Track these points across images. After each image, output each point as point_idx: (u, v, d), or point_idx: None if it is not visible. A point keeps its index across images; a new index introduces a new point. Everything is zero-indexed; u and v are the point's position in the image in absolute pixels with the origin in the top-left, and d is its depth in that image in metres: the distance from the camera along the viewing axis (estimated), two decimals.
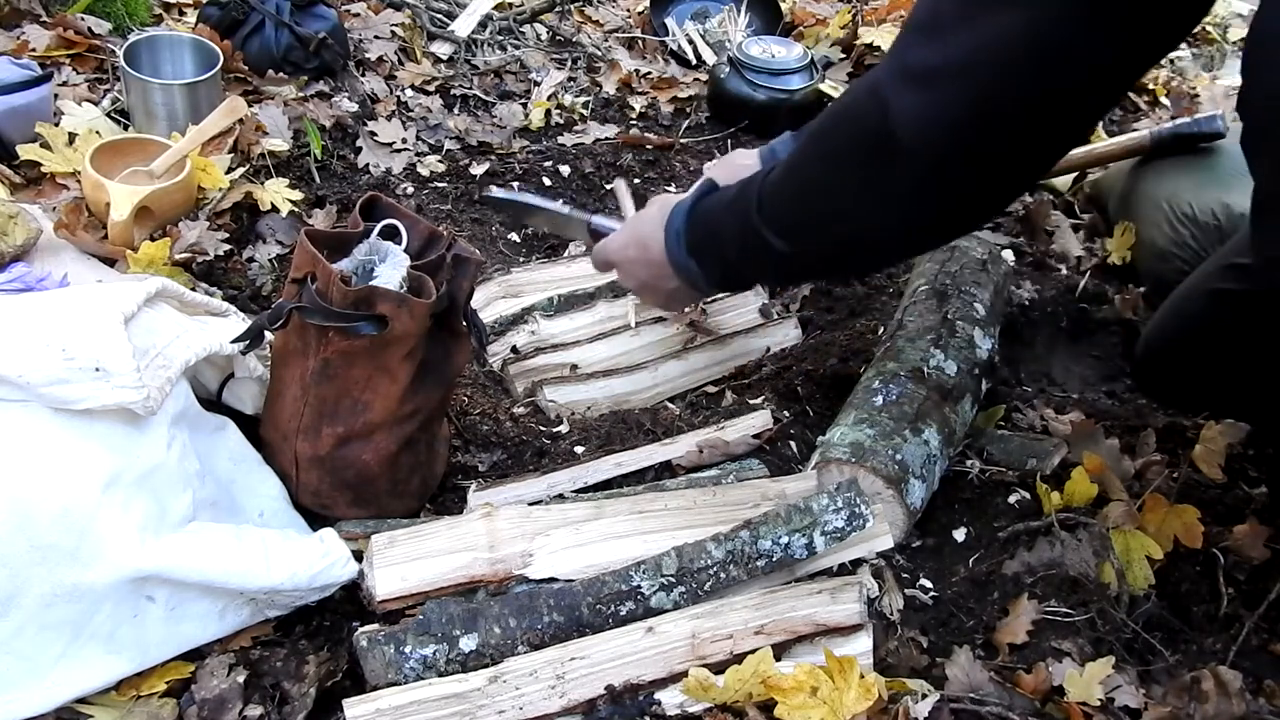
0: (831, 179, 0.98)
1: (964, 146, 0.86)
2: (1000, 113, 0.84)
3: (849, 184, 0.96)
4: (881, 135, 0.87)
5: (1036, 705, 1.06)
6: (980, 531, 1.29)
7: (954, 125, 0.85)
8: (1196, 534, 1.22)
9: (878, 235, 1.00)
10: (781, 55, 2.29)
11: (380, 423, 1.15)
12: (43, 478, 0.91)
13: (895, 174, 0.89)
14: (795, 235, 1.04)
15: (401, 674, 0.99)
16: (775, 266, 1.13)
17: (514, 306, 1.67)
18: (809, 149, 1.03)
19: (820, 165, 1.00)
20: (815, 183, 1.00)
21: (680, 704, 0.99)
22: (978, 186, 0.91)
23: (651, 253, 1.21)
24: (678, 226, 1.18)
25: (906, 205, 0.92)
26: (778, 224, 1.04)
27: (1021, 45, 0.80)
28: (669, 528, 1.13)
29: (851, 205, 0.97)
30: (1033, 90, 0.82)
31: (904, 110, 0.85)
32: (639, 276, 1.27)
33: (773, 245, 1.04)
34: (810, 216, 1.02)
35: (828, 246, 1.04)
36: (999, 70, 0.82)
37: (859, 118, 0.93)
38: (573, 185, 2.05)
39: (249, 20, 2.01)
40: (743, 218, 1.08)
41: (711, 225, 1.15)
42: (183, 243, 1.53)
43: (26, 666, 0.93)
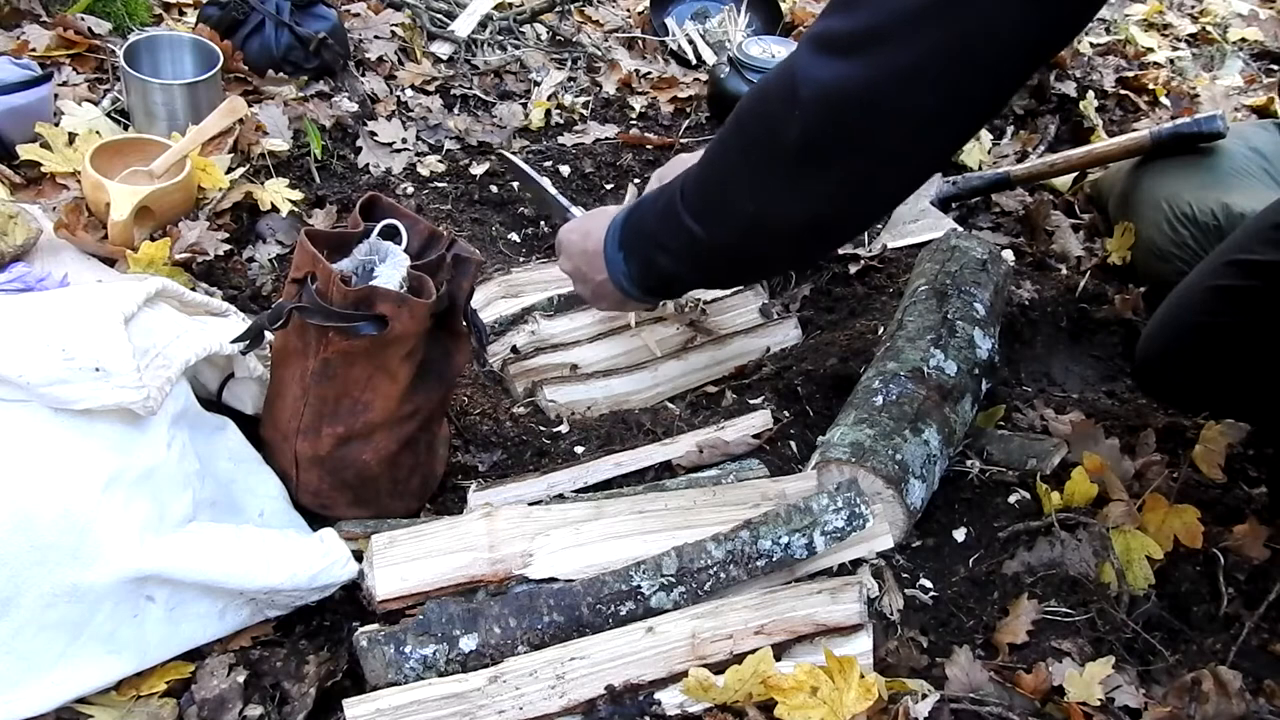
0: (739, 158, 0.97)
1: (864, 120, 0.84)
2: (908, 86, 0.82)
3: (753, 162, 0.95)
4: (786, 109, 0.86)
5: (1036, 705, 1.06)
6: (980, 531, 1.29)
7: (856, 96, 0.83)
8: (1196, 534, 1.22)
9: (779, 221, 0.98)
10: (781, 55, 2.29)
11: (380, 423, 1.15)
12: (43, 478, 0.91)
13: (793, 151, 0.88)
14: (707, 218, 1.04)
15: (401, 674, 0.99)
16: (695, 257, 1.11)
17: (514, 306, 1.67)
18: (725, 129, 1.02)
19: (731, 143, 0.99)
20: (727, 162, 1.00)
21: (680, 704, 0.99)
22: (873, 167, 0.89)
23: (589, 242, 1.25)
24: (618, 219, 1.21)
25: (803, 187, 0.91)
26: (697, 208, 1.04)
27: (935, 13, 0.78)
28: (669, 528, 1.13)
29: (753, 185, 0.96)
30: (946, 64, 0.80)
31: (808, 80, 0.84)
32: (574, 262, 1.30)
33: (692, 231, 1.05)
34: (721, 197, 1.02)
35: (735, 233, 1.03)
36: (906, 41, 0.80)
37: (768, 94, 0.92)
38: (573, 185, 2.05)
39: (249, 20, 2.01)
40: (667, 204, 1.09)
41: (643, 217, 1.17)
42: (183, 243, 1.53)
43: (26, 666, 0.93)
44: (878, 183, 0.92)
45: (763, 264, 1.24)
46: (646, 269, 1.17)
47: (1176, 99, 2.40)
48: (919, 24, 0.79)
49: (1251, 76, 2.64)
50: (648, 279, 1.20)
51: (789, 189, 0.93)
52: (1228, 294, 1.28)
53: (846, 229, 1.07)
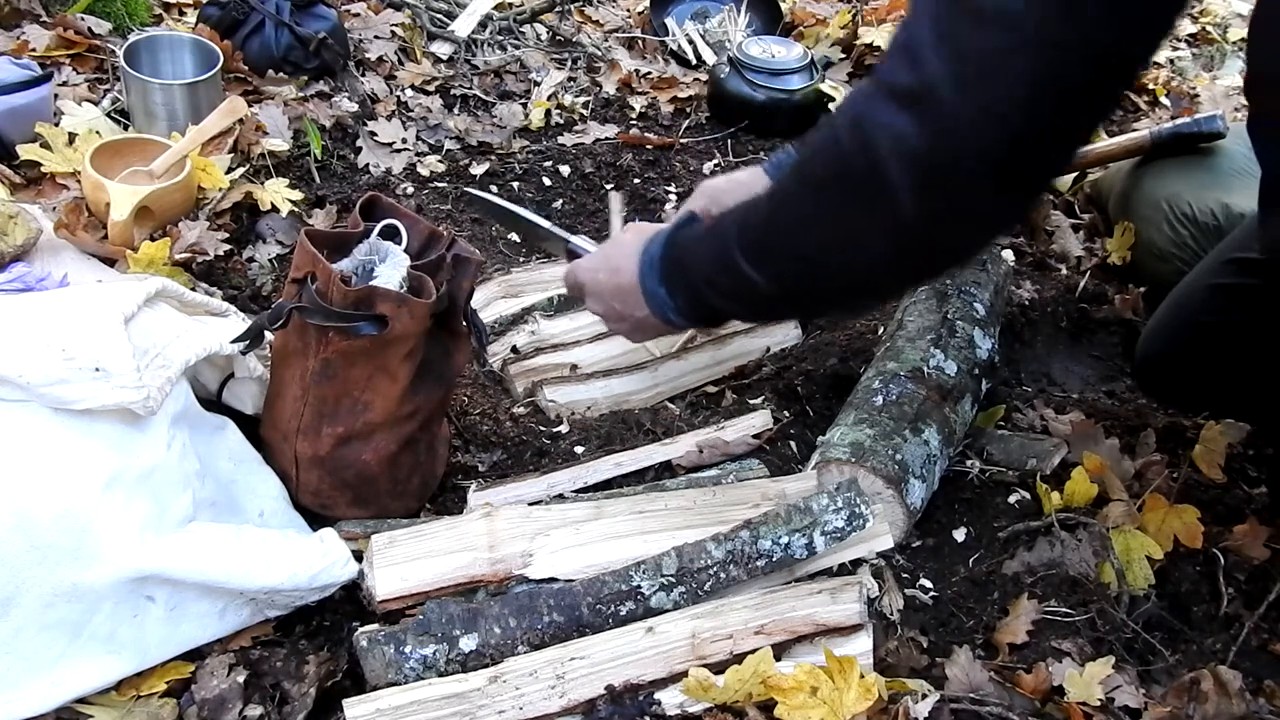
0: (811, 210, 0.93)
1: (950, 167, 0.80)
2: (992, 127, 0.77)
3: (830, 215, 0.91)
4: (862, 161, 0.83)
5: (1036, 705, 1.06)
6: (980, 531, 1.29)
7: (939, 146, 0.79)
8: (1196, 534, 1.23)
9: (855, 273, 0.94)
10: (781, 55, 2.29)
11: (380, 423, 1.15)
12: (43, 478, 0.91)
13: (879, 203, 0.84)
14: (775, 270, 0.99)
15: (401, 674, 0.99)
16: (753, 302, 1.06)
17: (514, 306, 1.67)
18: (791, 178, 0.98)
19: (800, 196, 0.95)
20: (795, 215, 0.96)
21: (680, 704, 0.99)
22: (966, 209, 0.84)
23: (622, 277, 1.16)
24: (653, 253, 1.14)
25: (892, 236, 0.86)
26: (757, 257, 0.99)
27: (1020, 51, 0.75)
28: (669, 528, 1.13)
29: (826, 240, 0.92)
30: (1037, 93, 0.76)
31: (882, 129, 0.80)
32: (607, 301, 1.21)
33: (751, 279, 0.99)
34: (791, 250, 0.97)
35: (809, 283, 0.99)
36: (983, 83, 0.76)
37: (839, 145, 0.87)
38: (573, 185, 2.05)
39: (249, 20, 2.01)
40: (721, 248, 1.03)
41: (688, 254, 1.10)
42: (183, 243, 1.53)
43: (26, 666, 0.93)
44: (969, 224, 0.86)
45: (831, 309, 1.28)
46: (696, 304, 1.11)
47: (1176, 99, 2.40)
48: (1000, 61, 0.75)
49: None
50: (698, 313, 1.15)
51: (867, 243, 0.89)
52: (1227, 293, 1.28)
53: (932, 274, 1.04)
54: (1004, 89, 0.76)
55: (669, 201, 2.04)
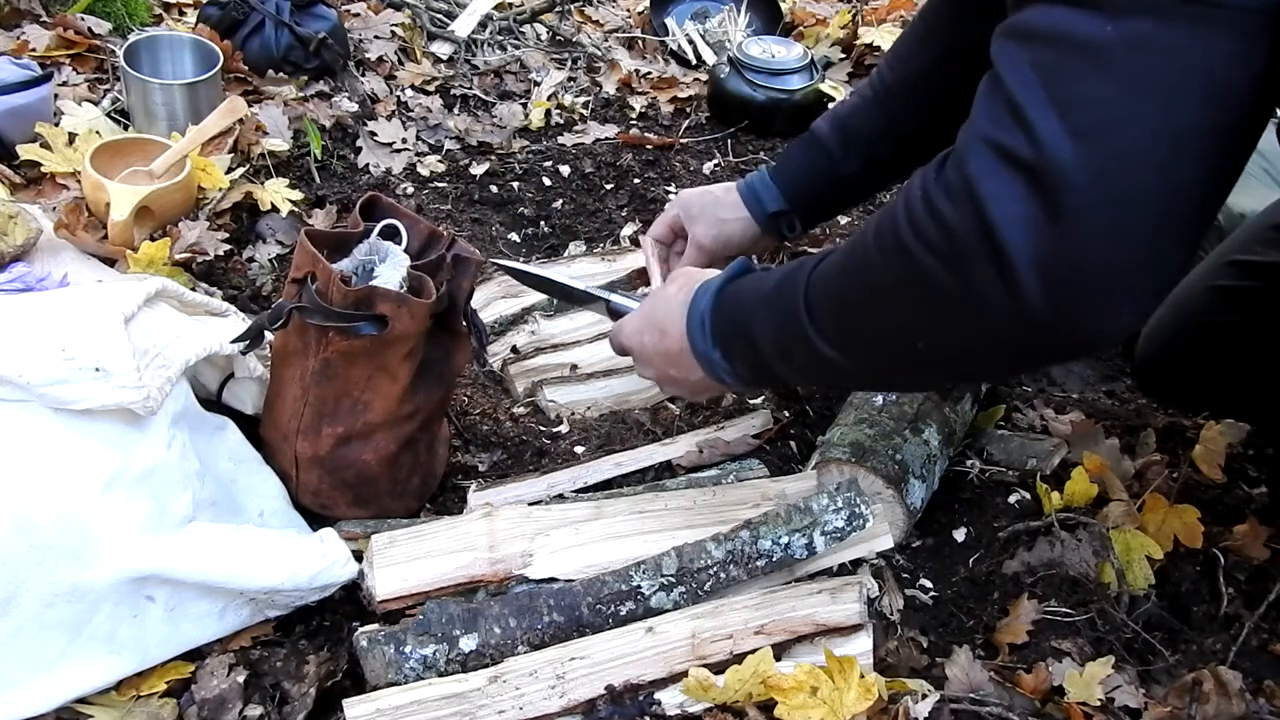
0: (905, 285, 0.80)
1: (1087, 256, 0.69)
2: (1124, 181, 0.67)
3: (931, 293, 0.77)
4: (977, 236, 0.71)
5: (1036, 705, 1.06)
6: (980, 531, 1.29)
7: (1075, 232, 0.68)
8: (1196, 534, 1.22)
9: (964, 356, 0.82)
10: (781, 55, 2.29)
11: (380, 423, 1.15)
12: (43, 478, 0.91)
13: (996, 286, 0.71)
14: (856, 348, 0.88)
15: (401, 674, 0.99)
16: (827, 375, 0.98)
17: (514, 306, 1.67)
18: (873, 243, 0.83)
19: (888, 266, 0.81)
20: (881, 288, 0.83)
21: (680, 704, 0.99)
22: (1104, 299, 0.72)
23: (670, 340, 1.06)
24: (702, 310, 1.02)
25: (1006, 319, 0.73)
26: (833, 333, 0.88)
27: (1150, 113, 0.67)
28: (669, 528, 1.13)
29: (936, 320, 0.79)
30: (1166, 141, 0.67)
31: (993, 199, 0.70)
32: (657, 366, 1.11)
33: (825, 355, 0.89)
34: (877, 329, 0.85)
35: (895, 363, 0.88)
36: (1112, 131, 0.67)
37: (939, 210, 0.74)
38: (573, 185, 2.05)
39: (249, 20, 2.01)
40: (787, 317, 0.91)
41: (744, 316, 0.99)
42: (183, 243, 1.53)
43: (26, 666, 0.93)
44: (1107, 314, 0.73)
45: (925, 387, 1.22)
46: (760, 371, 1.00)
47: None
48: (1128, 105, 0.67)
49: None
50: (762, 380, 1.07)
51: (982, 329, 0.76)
52: (1228, 294, 1.28)
53: (1058, 361, 0.93)
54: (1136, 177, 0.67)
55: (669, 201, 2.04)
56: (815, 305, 0.90)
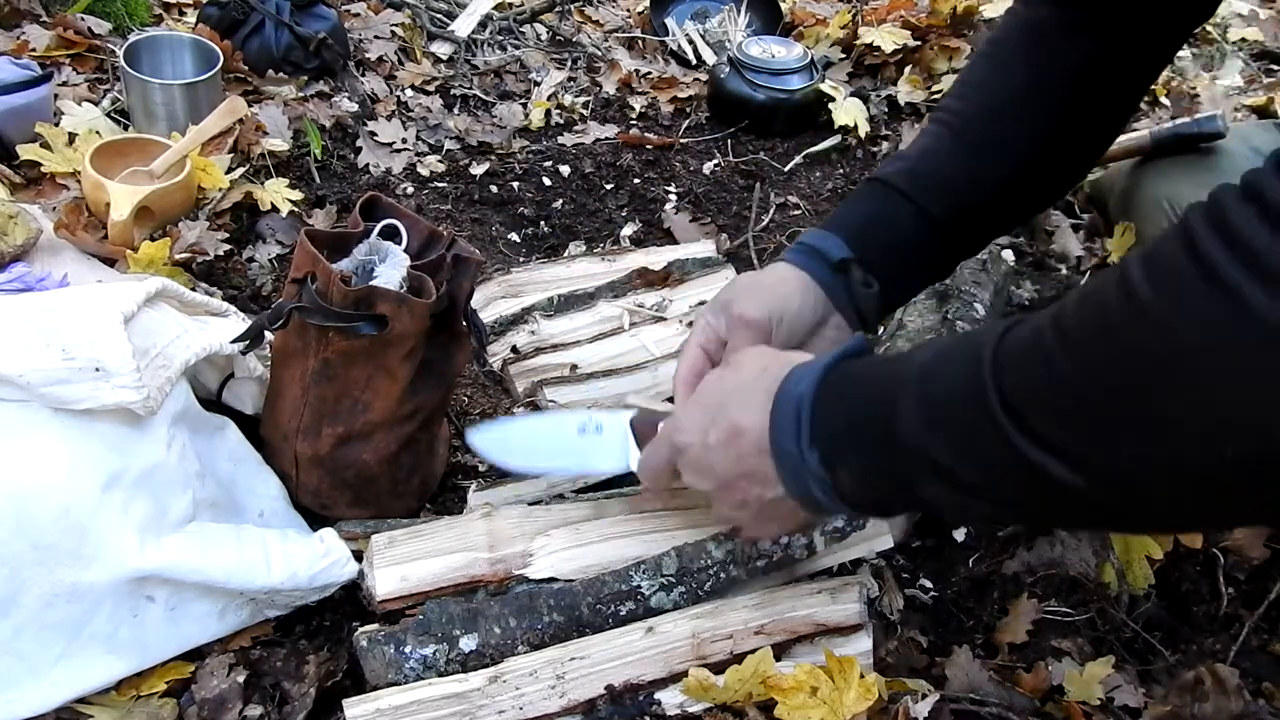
0: (1180, 348, 0.53)
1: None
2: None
3: (1223, 347, 0.51)
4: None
5: (1036, 705, 1.06)
6: (980, 531, 1.29)
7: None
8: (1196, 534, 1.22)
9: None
10: (781, 55, 2.29)
11: (380, 423, 1.15)
12: (43, 478, 0.91)
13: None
14: (1100, 456, 0.57)
15: (401, 674, 0.99)
16: (1042, 504, 0.64)
17: (514, 306, 1.67)
18: (1134, 298, 0.55)
19: (1160, 318, 0.54)
20: (1150, 349, 0.55)
21: (680, 704, 0.99)
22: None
23: (745, 439, 0.78)
24: (799, 397, 0.74)
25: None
26: (1059, 435, 0.59)
27: None
28: (669, 528, 1.12)
29: (1234, 392, 0.52)
30: None
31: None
32: (720, 475, 0.82)
33: (1035, 466, 0.59)
34: (1145, 428, 0.55)
35: (1180, 485, 0.57)
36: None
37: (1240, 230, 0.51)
38: (573, 185, 2.05)
39: (249, 20, 2.01)
40: (977, 411, 0.61)
41: (871, 405, 0.70)
42: (183, 243, 1.53)
43: (26, 666, 0.93)
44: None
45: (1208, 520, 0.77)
46: (876, 487, 0.72)
47: (1176, 99, 2.40)
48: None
49: (1251, 76, 2.64)
50: (873, 499, 0.75)
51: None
52: None
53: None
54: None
55: (669, 201, 2.04)
56: (1017, 391, 0.60)
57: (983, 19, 2.45)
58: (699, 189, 2.07)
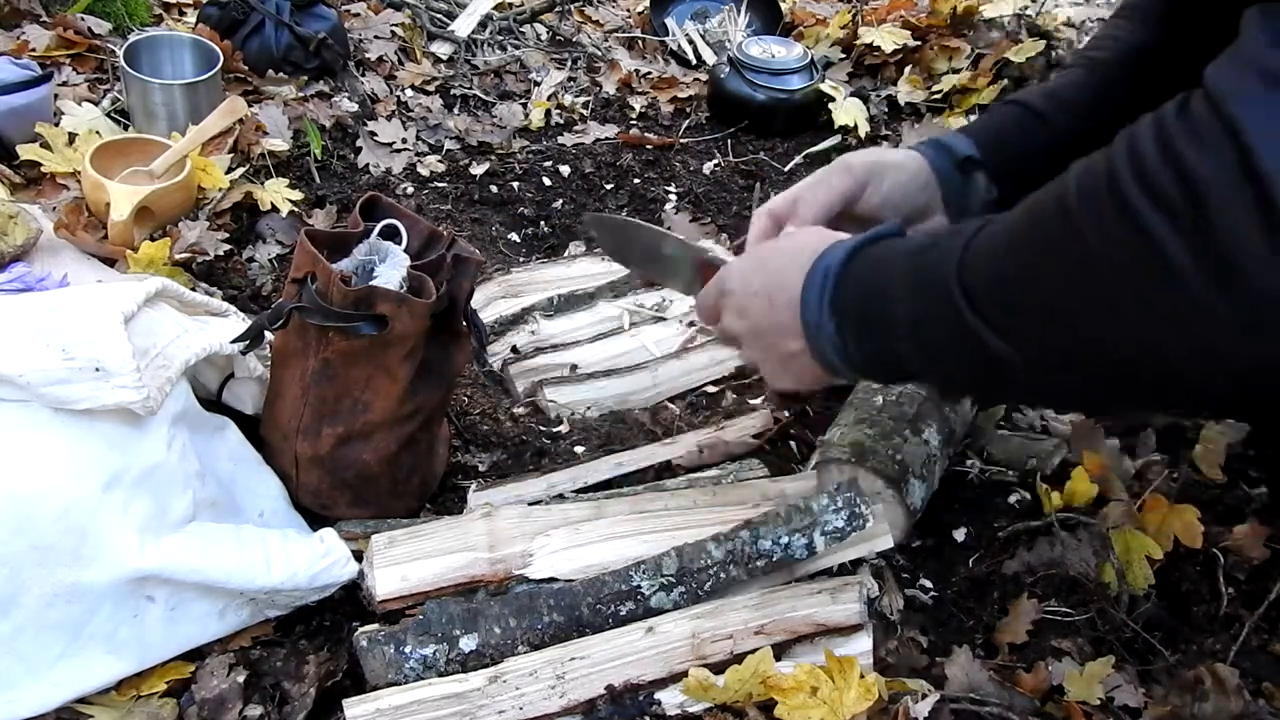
0: (1106, 258, 0.62)
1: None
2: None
3: (1146, 269, 0.60)
4: (1229, 183, 0.56)
5: (1036, 704, 1.06)
6: (980, 531, 1.29)
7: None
8: (1196, 534, 1.22)
9: (1184, 360, 0.62)
10: (781, 55, 2.30)
11: (380, 423, 1.15)
12: (43, 478, 0.91)
13: (1250, 246, 0.56)
14: (1027, 338, 0.69)
15: (401, 674, 0.99)
16: (977, 370, 0.76)
17: (514, 306, 1.67)
18: (1068, 211, 0.65)
19: (1086, 237, 0.63)
20: (1075, 263, 0.65)
21: (680, 704, 0.99)
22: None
23: (779, 296, 0.87)
24: (828, 267, 0.84)
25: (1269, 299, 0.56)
26: (997, 315, 0.70)
27: None
28: (669, 528, 1.12)
29: (1147, 306, 0.61)
30: None
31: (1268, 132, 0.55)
32: (752, 324, 0.92)
33: (981, 341, 0.71)
34: (1061, 316, 0.66)
35: (1081, 367, 0.68)
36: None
37: (1174, 160, 0.58)
38: (573, 185, 2.05)
39: (249, 20, 2.01)
40: (933, 289, 0.75)
41: (879, 282, 0.81)
42: (183, 243, 1.53)
43: (26, 666, 0.93)
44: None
45: (1114, 403, 0.86)
46: (879, 354, 0.83)
47: None
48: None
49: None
50: (877, 366, 0.86)
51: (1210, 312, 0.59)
52: None
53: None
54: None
55: (669, 201, 2.05)
56: (975, 277, 0.72)
57: (983, 19, 2.45)
58: (699, 189, 2.07)
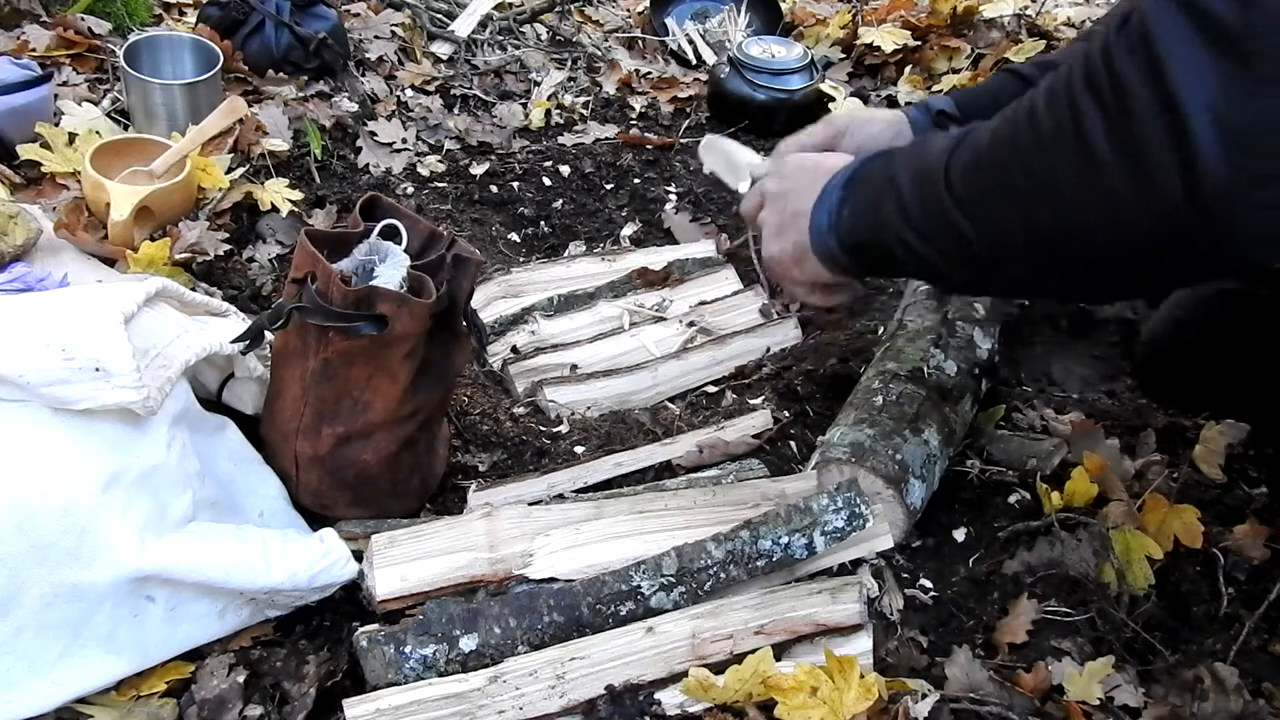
0: (1054, 141, 0.73)
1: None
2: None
3: (1081, 153, 0.70)
4: (1148, 90, 0.65)
5: (1036, 704, 1.06)
6: (980, 531, 1.29)
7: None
8: (1196, 534, 1.22)
9: (1103, 241, 0.73)
10: (781, 55, 2.30)
11: (380, 423, 1.15)
12: (43, 478, 0.91)
13: (1159, 144, 0.64)
14: (983, 214, 0.80)
15: (401, 674, 0.99)
16: (945, 251, 0.86)
17: (514, 306, 1.67)
18: (1035, 107, 0.76)
19: (1042, 120, 0.74)
20: (1029, 144, 0.75)
21: (680, 704, 0.99)
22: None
23: (799, 201, 1.02)
24: (833, 184, 0.98)
25: (1167, 193, 0.65)
26: (965, 193, 0.81)
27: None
28: (669, 528, 1.13)
29: (1081, 183, 0.72)
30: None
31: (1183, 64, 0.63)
32: (778, 217, 1.05)
33: (951, 220, 0.82)
34: (1016, 191, 0.77)
35: (1018, 241, 0.79)
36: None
37: (1113, 58, 0.68)
38: (573, 185, 2.05)
39: (249, 20, 2.01)
40: (924, 170, 0.85)
41: (883, 171, 0.92)
42: (183, 243, 1.53)
43: (26, 666, 0.93)
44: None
45: (1047, 286, 0.93)
46: (865, 229, 0.94)
47: None
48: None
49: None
50: (860, 243, 0.97)
51: (1131, 203, 0.68)
52: (1228, 294, 1.28)
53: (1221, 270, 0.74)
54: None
55: (669, 201, 2.05)
56: (956, 161, 0.81)
57: (982, 19, 2.45)
58: (699, 189, 2.07)
